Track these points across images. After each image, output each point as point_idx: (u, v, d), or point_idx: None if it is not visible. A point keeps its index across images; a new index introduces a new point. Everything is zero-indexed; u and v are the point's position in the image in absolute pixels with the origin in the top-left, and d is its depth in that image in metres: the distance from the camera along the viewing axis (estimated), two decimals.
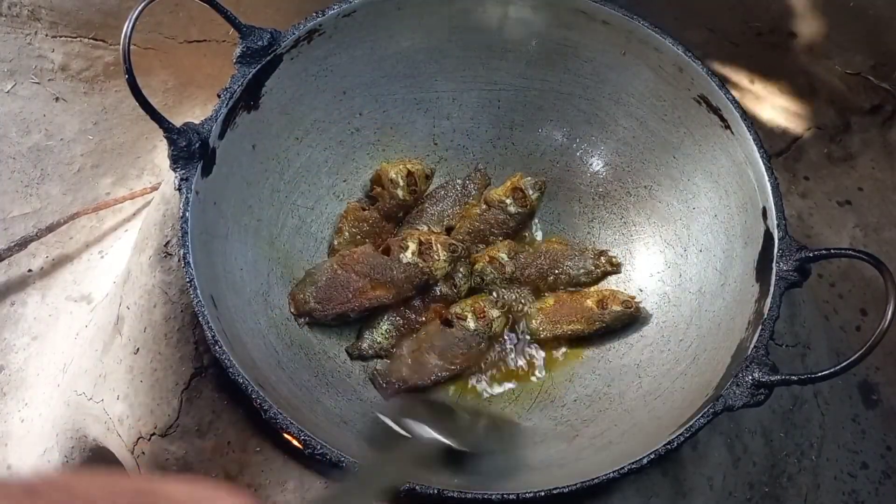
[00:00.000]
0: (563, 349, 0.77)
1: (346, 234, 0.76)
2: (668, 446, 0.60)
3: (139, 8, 0.61)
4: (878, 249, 0.87)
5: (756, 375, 0.61)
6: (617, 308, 0.74)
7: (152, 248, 0.72)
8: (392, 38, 0.77)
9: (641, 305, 0.76)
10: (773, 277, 0.65)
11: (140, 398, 0.69)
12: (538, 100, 0.82)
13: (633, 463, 0.60)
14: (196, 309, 0.60)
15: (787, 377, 0.61)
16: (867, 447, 0.78)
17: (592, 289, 0.76)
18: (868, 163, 0.92)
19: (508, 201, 0.78)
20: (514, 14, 0.77)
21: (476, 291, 0.78)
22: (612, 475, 0.60)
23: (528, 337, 0.77)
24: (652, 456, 0.60)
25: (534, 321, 0.77)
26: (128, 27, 0.60)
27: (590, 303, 0.75)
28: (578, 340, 0.77)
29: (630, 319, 0.75)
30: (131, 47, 0.60)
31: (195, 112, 0.83)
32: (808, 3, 0.93)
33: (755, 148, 0.70)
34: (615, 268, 0.79)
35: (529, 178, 0.79)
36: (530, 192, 0.78)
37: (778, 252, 0.66)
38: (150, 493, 0.28)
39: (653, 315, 0.77)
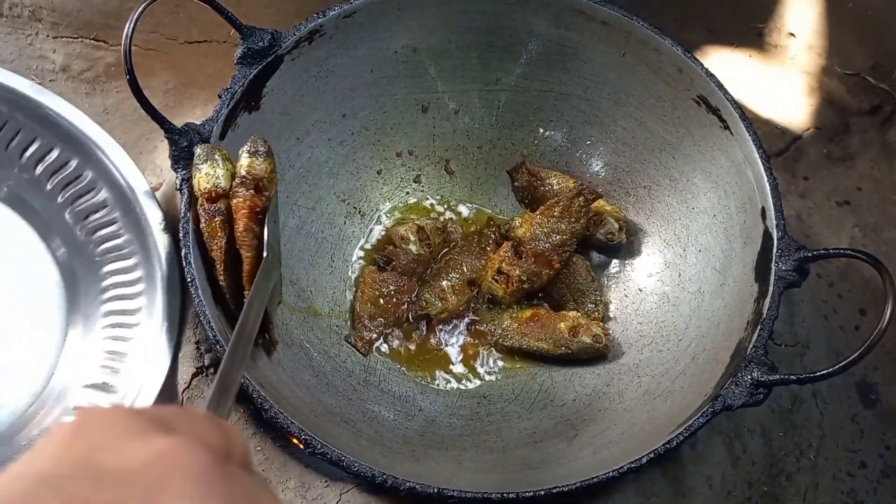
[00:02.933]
0: (519, 364, 0.76)
1: (368, 298, 0.75)
2: (668, 445, 0.61)
3: (140, 9, 0.61)
4: (876, 249, 0.87)
5: (755, 375, 0.61)
6: (586, 339, 0.73)
7: None
8: (392, 39, 0.77)
9: (610, 342, 0.74)
10: (772, 277, 0.65)
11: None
12: (538, 100, 0.83)
13: (632, 462, 0.60)
14: (197, 309, 0.61)
15: (786, 377, 0.61)
16: (866, 447, 0.78)
17: (571, 313, 0.75)
18: (867, 163, 0.92)
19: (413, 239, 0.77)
20: (514, 14, 0.78)
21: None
22: (611, 474, 0.60)
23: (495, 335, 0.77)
24: (651, 455, 0.60)
25: (504, 325, 0.76)
26: (129, 28, 0.60)
27: (563, 325, 0.74)
28: (540, 359, 0.76)
29: (596, 354, 0.74)
30: (132, 48, 0.60)
31: (196, 112, 0.83)
32: (807, 3, 0.93)
33: (754, 148, 0.70)
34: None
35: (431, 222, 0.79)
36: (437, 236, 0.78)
37: (777, 252, 0.66)
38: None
39: (652, 314, 0.77)
